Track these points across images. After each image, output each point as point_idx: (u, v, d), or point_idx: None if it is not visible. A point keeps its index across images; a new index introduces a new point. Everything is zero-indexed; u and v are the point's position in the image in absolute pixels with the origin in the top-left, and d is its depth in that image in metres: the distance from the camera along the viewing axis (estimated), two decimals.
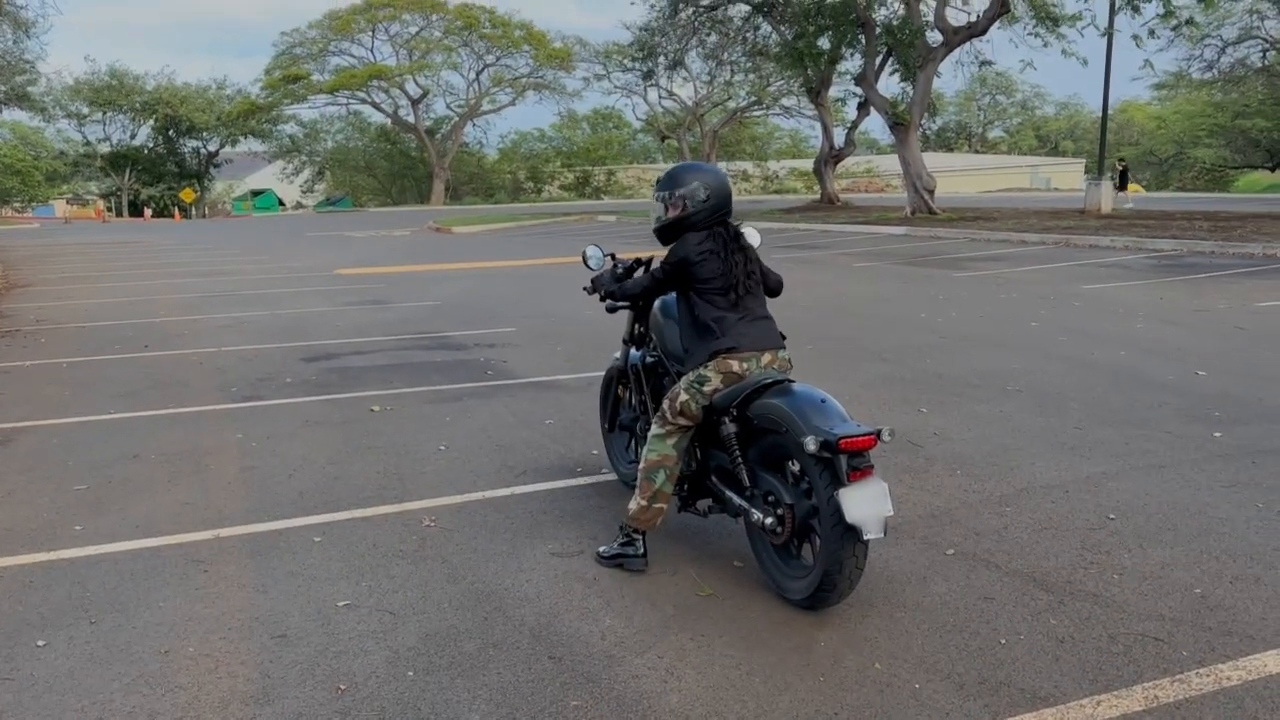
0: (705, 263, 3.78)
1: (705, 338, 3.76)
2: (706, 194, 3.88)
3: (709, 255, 3.78)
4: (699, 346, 3.78)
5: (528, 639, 3.30)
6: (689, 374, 3.76)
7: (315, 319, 11.19)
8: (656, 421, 3.87)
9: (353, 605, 3.58)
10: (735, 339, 3.69)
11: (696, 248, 3.80)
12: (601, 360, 8.13)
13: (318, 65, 55.43)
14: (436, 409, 6.61)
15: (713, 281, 3.77)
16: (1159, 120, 59.59)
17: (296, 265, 18.95)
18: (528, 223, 33.40)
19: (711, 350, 3.70)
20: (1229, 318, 9.72)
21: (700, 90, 50.74)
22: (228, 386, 7.45)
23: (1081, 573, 3.72)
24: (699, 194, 3.89)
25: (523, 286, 14.31)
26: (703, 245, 3.80)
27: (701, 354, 3.75)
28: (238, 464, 5.40)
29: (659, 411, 3.87)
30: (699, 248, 3.79)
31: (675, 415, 3.78)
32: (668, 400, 3.82)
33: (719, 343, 3.70)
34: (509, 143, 66.55)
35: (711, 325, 3.74)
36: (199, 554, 4.12)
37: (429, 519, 4.47)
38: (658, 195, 3.98)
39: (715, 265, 3.78)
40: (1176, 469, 4.95)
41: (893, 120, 24.13)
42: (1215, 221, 20.40)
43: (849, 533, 3.19)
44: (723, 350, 3.68)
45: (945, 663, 3.07)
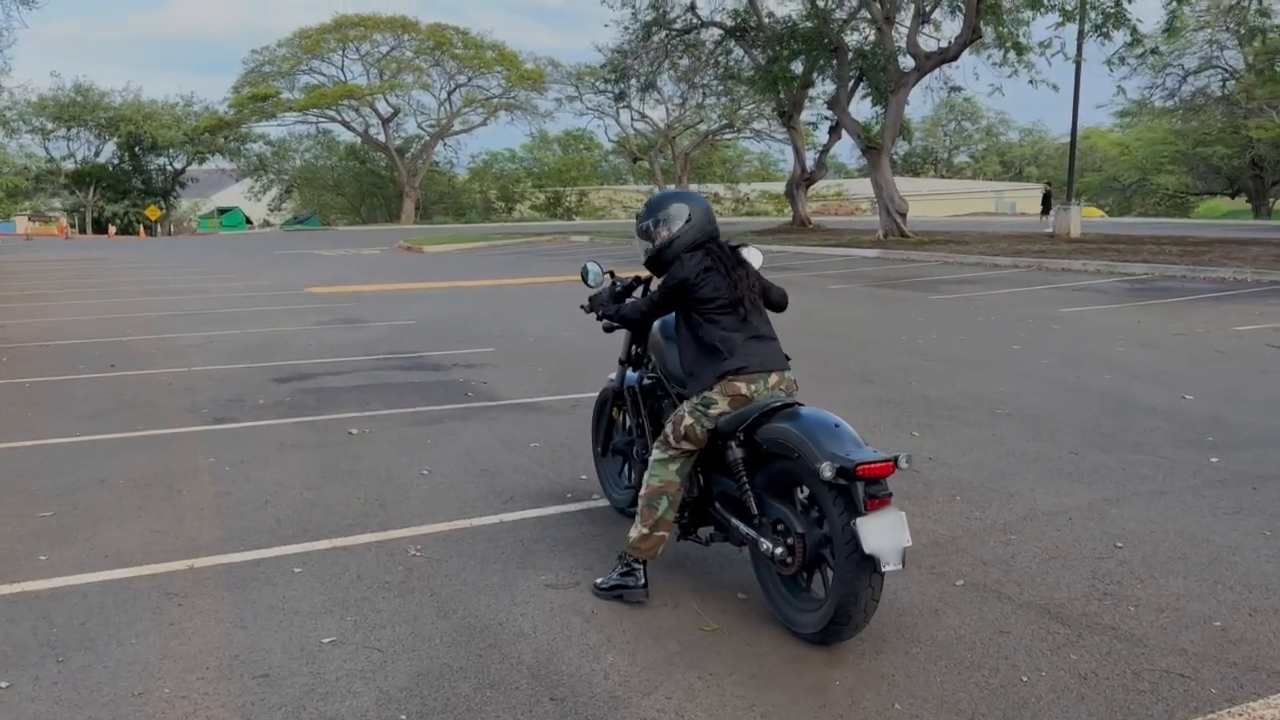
0: (707, 282, 3.66)
1: (712, 359, 3.62)
2: (689, 214, 3.81)
3: (710, 273, 3.68)
4: (705, 368, 3.64)
5: (526, 678, 3.12)
6: (694, 397, 3.62)
7: (287, 338, 10.94)
8: (659, 446, 3.72)
9: (338, 642, 3.39)
10: (744, 359, 3.57)
11: (696, 266, 3.68)
12: (585, 381, 8.00)
13: (287, 83, 55.06)
14: (417, 432, 6.41)
15: (717, 300, 3.65)
16: (1122, 147, 60.53)
17: (266, 283, 18.63)
18: (500, 242, 33.20)
19: (720, 371, 3.57)
20: (1208, 341, 9.74)
21: (672, 113, 50.96)
22: (198, 408, 7.21)
23: (1096, 604, 3.61)
24: (682, 214, 3.82)
25: (498, 306, 14.13)
26: (702, 263, 3.69)
27: (708, 376, 3.61)
28: (211, 489, 5.18)
29: (661, 436, 3.72)
30: (698, 266, 3.68)
31: (679, 439, 3.63)
32: (671, 424, 3.67)
33: (727, 363, 3.56)
34: (480, 162, 66.42)
35: (718, 346, 3.61)
36: (172, 586, 3.90)
37: (415, 548, 4.28)
38: (640, 227, 3.91)
39: (718, 282, 3.66)
40: (1178, 495, 4.87)
41: (865, 144, 24.26)
42: (1184, 246, 20.63)
43: (865, 563, 3.06)
44: (731, 371, 3.55)
45: (968, 703, 2.93)
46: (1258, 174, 49.78)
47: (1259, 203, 50.82)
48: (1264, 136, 41.64)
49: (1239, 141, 47.34)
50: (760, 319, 3.70)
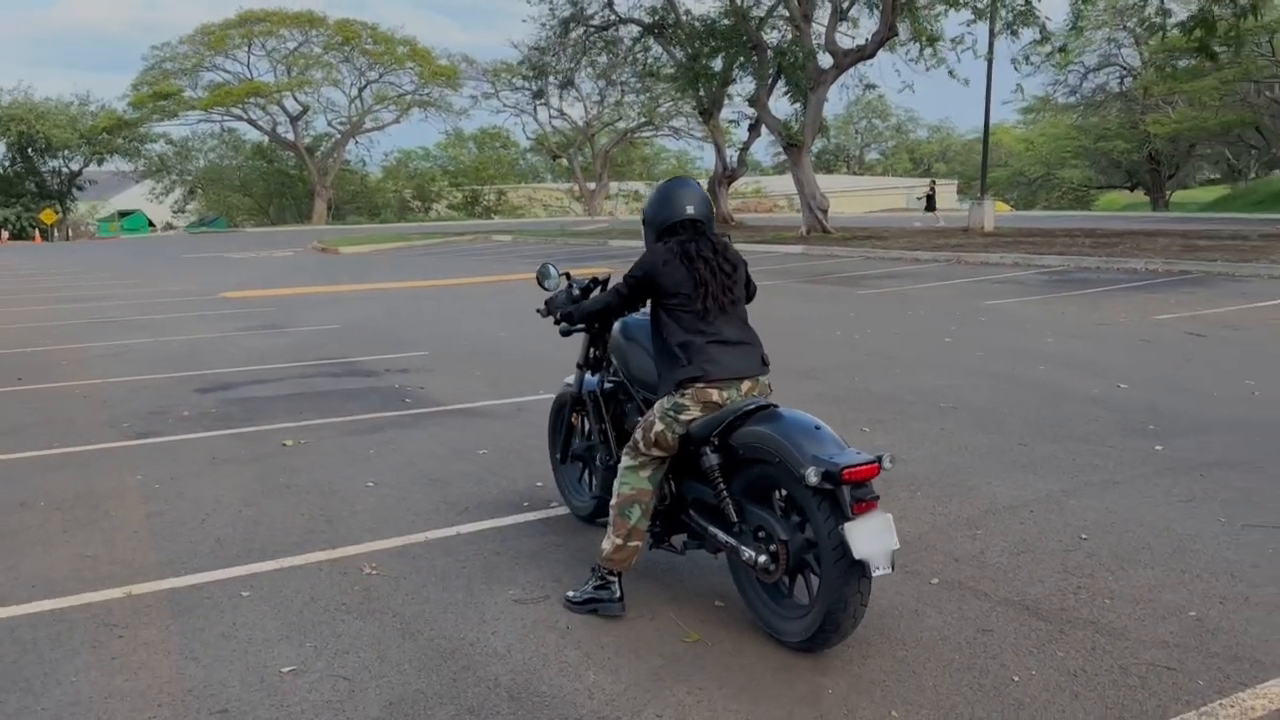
0: (667, 274, 3.50)
1: (672, 364, 3.49)
2: (658, 199, 3.70)
3: (670, 265, 3.50)
4: (668, 373, 3.52)
5: (506, 702, 2.97)
6: (664, 401, 3.49)
7: (206, 346, 10.49)
8: (628, 453, 3.59)
9: (299, 671, 3.18)
10: (703, 367, 3.41)
11: (661, 257, 3.54)
12: (527, 385, 7.82)
13: (190, 81, 53.20)
14: (357, 441, 6.16)
15: (680, 297, 3.49)
16: (1026, 143, 62.38)
17: (177, 289, 17.93)
18: (418, 242, 32.61)
19: (677, 379, 3.44)
20: (1131, 331, 10.00)
21: (591, 110, 50.77)
22: (119, 422, 6.82)
23: (1072, 598, 3.60)
24: (653, 200, 3.70)
25: (426, 308, 13.80)
26: (668, 255, 3.53)
27: (669, 382, 3.49)
28: (142, 509, 4.88)
29: (631, 442, 3.59)
30: (663, 256, 3.53)
31: (649, 446, 3.50)
32: (641, 430, 3.54)
33: (683, 371, 3.42)
34: (393, 160, 65.22)
35: (676, 351, 3.47)
36: (111, 616, 3.64)
37: (370, 566, 4.08)
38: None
39: (679, 276, 3.49)
40: (1131, 485, 4.93)
41: (786, 141, 24.47)
42: (1095, 238, 21.29)
43: (853, 569, 2.98)
44: (687, 380, 3.42)
45: (964, 707, 2.87)
46: (1154, 168, 51.79)
47: (1156, 195, 52.89)
48: (1161, 131, 43.30)
49: (1137, 136, 49.17)
50: (730, 320, 3.54)
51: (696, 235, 3.57)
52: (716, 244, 3.58)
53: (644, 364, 3.87)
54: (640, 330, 3.96)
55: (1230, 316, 10.77)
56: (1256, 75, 32.28)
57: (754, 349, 3.56)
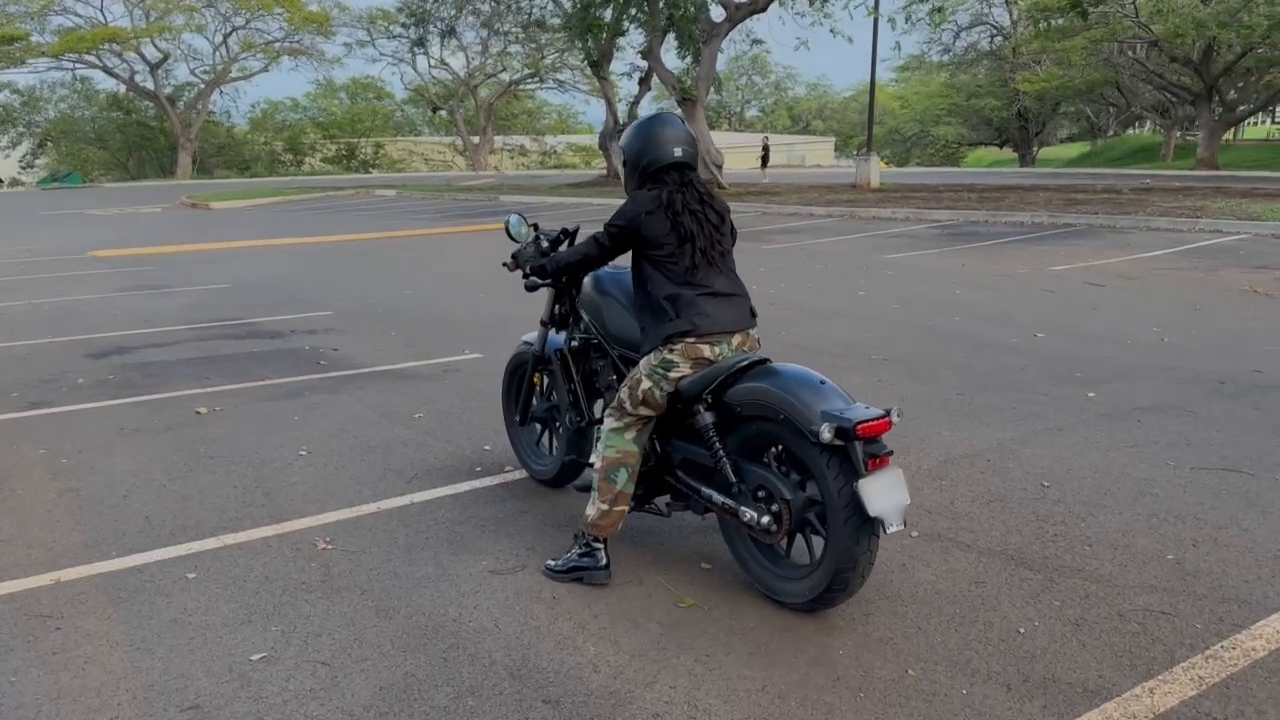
0: (652, 224, 3.29)
1: (659, 318, 3.30)
2: (633, 140, 3.44)
3: (655, 215, 3.29)
4: (654, 328, 3.33)
5: (507, 680, 2.78)
6: (650, 358, 3.31)
7: (85, 308, 9.75)
8: (612, 414, 3.41)
9: (271, 658, 2.92)
10: (691, 321, 3.23)
11: (645, 205, 3.32)
12: (449, 344, 7.53)
13: (36, 25, 49.30)
14: (277, 407, 5.79)
15: (664, 247, 3.30)
16: (901, 100, 63.81)
17: (39, 248, 16.67)
18: (295, 197, 31.28)
19: (665, 334, 3.26)
20: (1033, 281, 10.29)
21: (473, 61, 49.37)
22: (5, 391, 6.24)
23: (1052, 546, 3.62)
24: (635, 141, 3.45)
25: (319, 267, 13.18)
26: (652, 204, 3.31)
27: (655, 337, 3.31)
28: (52, 486, 4.45)
29: (615, 402, 3.41)
30: (647, 206, 3.31)
31: (636, 405, 3.33)
32: (626, 389, 3.36)
33: (671, 325, 3.24)
34: (259, 112, 62.14)
35: (664, 305, 3.29)
36: (40, 606, 3.28)
37: (323, 540, 3.80)
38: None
39: (665, 228, 3.29)
40: (1075, 431, 5.02)
41: (680, 95, 24.30)
42: (979, 193, 21.93)
43: (864, 526, 2.89)
44: (677, 334, 3.25)
45: (977, 661, 2.84)
46: (1023, 124, 53.73)
47: (1024, 151, 54.94)
48: (1030, 90, 44.83)
49: (1007, 94, 50.87)
50: (719, 271, 3.38)
51: (683, 184, 3.35)
52: (703, 192, 3.38)
53: (621, 319, 3.68)
54: (615, 284, 3.77)
55: (1121, 267, 11.21)
56: (1121, 35, 33.69)
57: (744, 300, 3.41)
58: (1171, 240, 13.54)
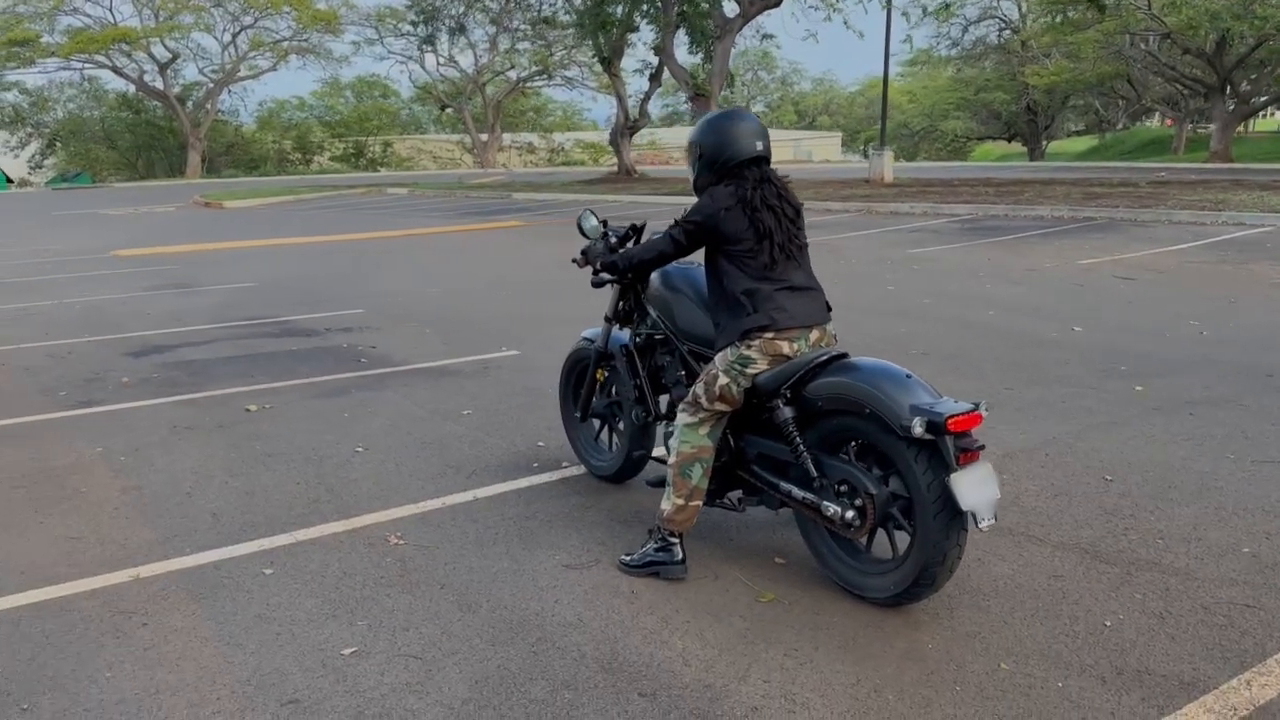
0: (729, 220, 3.27)
1: (736, 313, 3.30)
2: (706, 136, 3.40)
3: (733, 212, 3.28)
4: (730, 322, 3.33)
5: (600, 673, 2.80)
6: (727, 353, 3.31)
7: (116, 307, 9.78)
8: (687, 410, 3.42)
9: (361, 652, 2.94)
10: (770, 315, 3.24)
11: (723, 202, 3.30)
12: (484, 342, 7.55)
13: (46, 25, 49.33)
14: (326, 404, 5.81)
15: (743, 243, 3.29)
16: (910, 95, 63.65)
17: (60, 248, 16.71)
18: (307, 196, 31.29)
19: (743, 329, 3.26)
20: (1062, 276, 10.28)
21: (481, 58, 49.35)
22: (52, 390, 6.27)
23: (1124, 540, 3.62)
24: (700, 137, 3.43)
25: (341, 265, 13.20)
26: (730, 201, 3.29)
27: (732, 332, 3.31)
28: (115, 484, 4.47)
29: (690, 398, 3.41)
30: (725, 202, 3.30)
31: (713, 401, 3.34)
32: (702, 385, 3.37)
33: (749, 320, 3.24)
34: (266, 111, 62.11)
35: (741, 300, 3.29)
36: (123, 602, 3.30)
37: (394, 536, 3.82)
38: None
39: (742, 224, 3.28)
40: (1129, 425, 5.02)
41: (693, 92, 24.28)
42: (996, 187, 21.89)
43: (953, 521, 2.90)
44: (755, 329, 3.25)
45: (1068, 654, 2.84)
46: (1032, 118, 53.60)
47: (1033, 145, 54.81)
48: (1039, 83, 44.68)
49: (1016, 88, 50.72)
50: (797, 266, 3.39)
51: (762, 181, 3.34)
52: (780, 187, 3.38)
53: (691, 314, 3.69)
54: (684, 279, 3.78)
55: (1149, 260, 11.19)
56: (1133, 28, 33.57)
57: (819, 294, 3.42)
58: (1195, 233, 13.51)
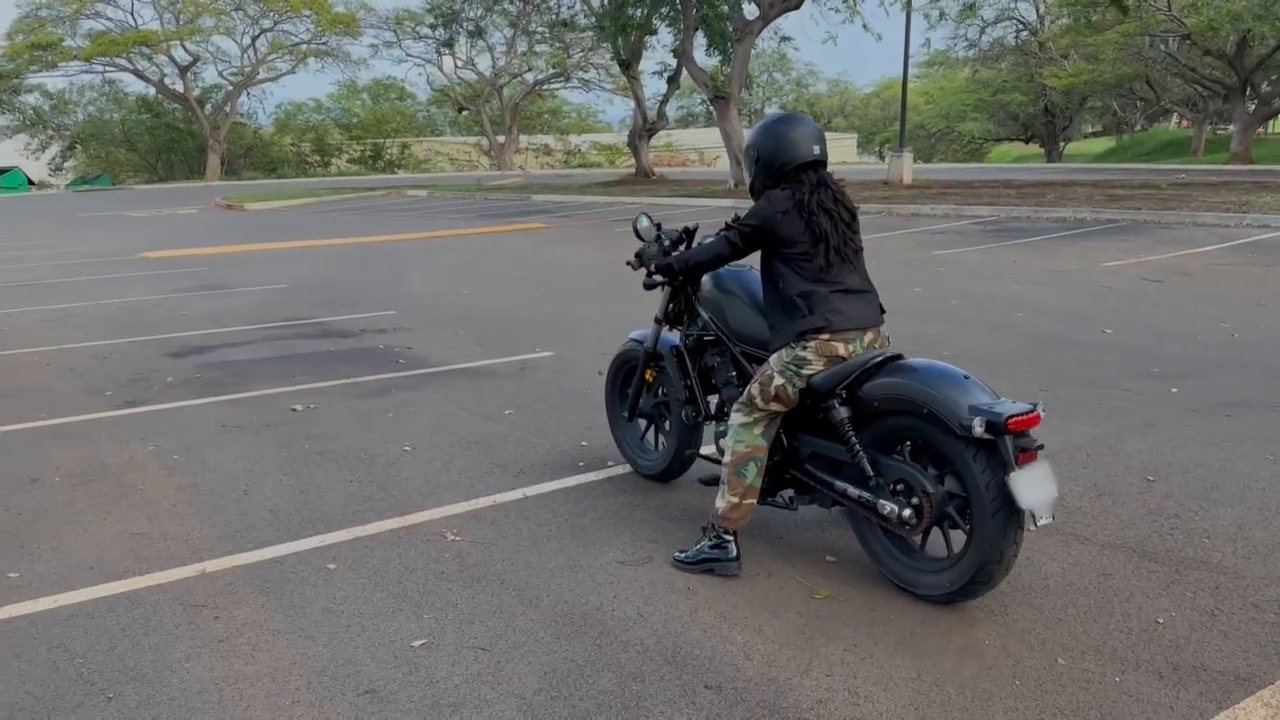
0: (785, 223, 3.35)
1: (791, 314, 3.37)
2: (764, 140, 3.46)
3: (791, 217, 3.35)
4: (785, 324, 3.40)
5: (666, 666, 2.87)
6: (782, 354, 3.38)
7: (152, 308, 9.92)
8: (741, 409, 3.49)
9: (431, 644, 3.02)
10: (825, 317, 3.30)
11: (779, 206, 3.37)
12: (519, 343, 7.64)
13: (68, 29, 49.78)
14: (368, 404, 5.90)
15: (798, 246, 3.36)
16: (927, 96, 63.53)
17: (87, 249, 16.91)
18: (328, 198, 31.50)
19: (799, 330, 3.32)
20: (1089, 278, 10.30)
21: (498, 61, 49.54)
22: (98, 390, 6.39)
23: (1170, 540, 3.67)
24: (759, 141, 3.49)
25: (369, 266, 13.33)
26: (786, 205, 3.36)
27: (787, 333, 3.38)
28: (171, 482, 4.57)
29: (744, 398, 3.48)
30: (781, 206, 3.36)
31: (768, 401, 3.41)
32: (757, 385, 3.44)
33: (805, 321, 3.31)
34: (284, 113, 62.48)
35: (797, 302, 3.35)
36: (193, 596, 3.39)
37: (451, 532, 3.90)
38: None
39: (798, 228, 3.34)
40: (1166, 426, 5.06)
41: (713, 94, 24.33)
42: (1017, 189, 21.87)
43: (1011, 519, 2.96)
44: (811, 330, 3.31)
45: (1123, 649, 2.90)
46: (1050, 120, 53.41)
47: (1050, 147, 54.61)
48: (1057, 85, 44.53)
49: (1033, 89, 50.56)
50: (852, 268, 3.45)
51: (818, 185, 3.41)
52: (836, 190, 3.45)
53: (744, 316, 3.76)
54: (736, 281, 3.85)
55: (1175, 263, 11.19)
56: (1153, 29, 33.46)
57: (874, 296, 3.49)
58: (1220, 235, 13.49)
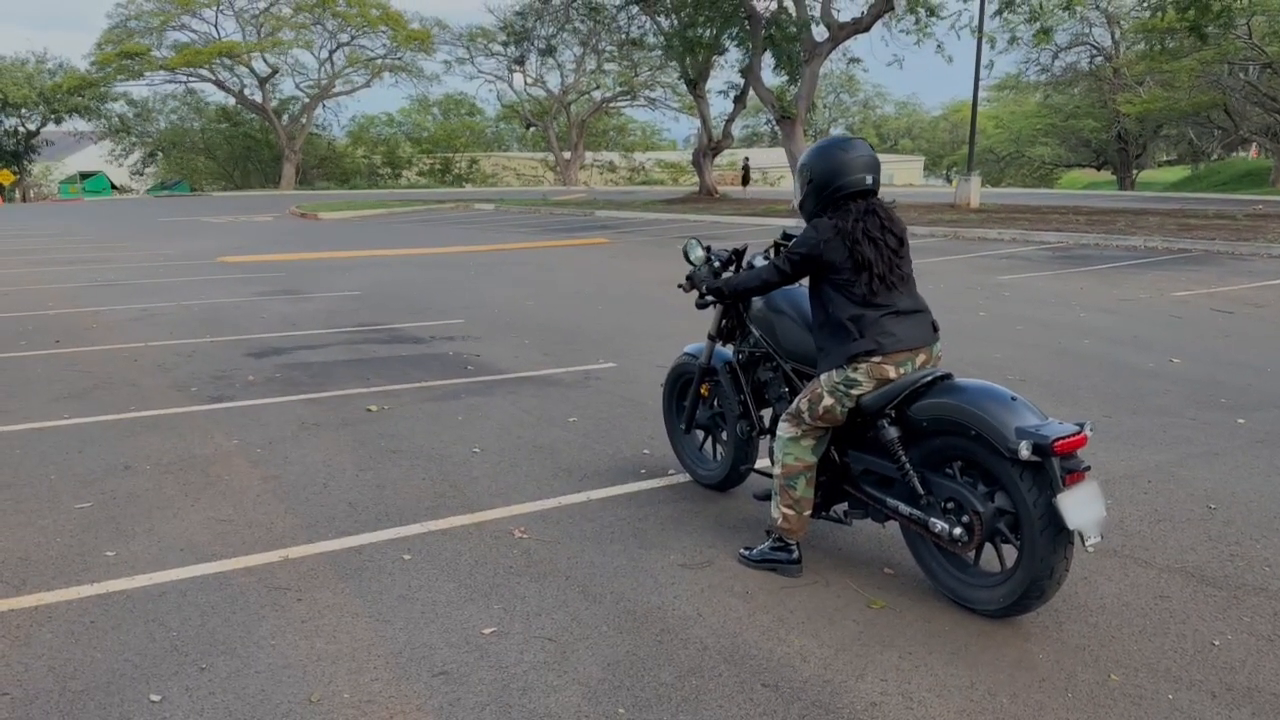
0: (832, 251, 3.42)
1: (841, 337, 3.43)
2: (816, 165, 3.54)
3: (833, 242, 3.42)
4: (835, 346, 3.46)
5: (723, 664, 2.99)
6: (833, 374, 3.45)
7: (232, 310, 10.31)
8: (789, 424, 3.58)
9: (500, 632, 3.18)
10: (876, 340, 3.37)
11: (825, 234, 3.44)
12: (582, 354, 7.81)
13: (155, 40, 51.68)
14: (440, 408, 6.11)
15: (843, 272, 3.42)
16: (996, 120, 62.85)
17: (170, 252, 17.56)
18: (399, 209, 32.20)
19: (850, 353, 3.39)
20: (1157, 307, 10.18)
21: (567, 78, 50.24)
22: (184, 386, 6.70)
23: (1230, 566, 3.69)
24: (809, 166, 3.58)
25: (438, 276, 13.65)
26: (832, 233, 3.43)
27: (838, 355, 3.45)
28: (255, 474, 4.81)
29: (792, 413, 3.58)
30: (827, 234, 3.44)
31: (816, 419, 3.50)
32: (806, 402, 3.53)
33: (856, 345, 3.38)
34: (357, 125, 64.04)
35: (847, 325, 3.41)
36: (277, 579, 3.60)
37: (518, 530, 4.07)
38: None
39: (840, 253, 3.41)
40: (1231, 456, 5.04)
41: (780, 114, 24.46)
42: (1088, 215, 21.58)
43: (1060, 537, 3.02)
44: (862, 353, 3.39)
45: (1177, 669, 2.95)
46: (1122, 147, 52.47)
47: (1123, 174, 53.62)
48: (1131, 111, 43.81)
49: (1107, 115, 49.76)
50: (901, 291, 3.49)
51: (866, 212, 3.45)
52: (884, 217, 3.50)
53: (795, 335, 3.87)
54: (787, 301, 3.96)
55: (1248, 294, 11.00)
56: (1233, 57, 32.83)
57: (925, 316, 3.55)
58: None
